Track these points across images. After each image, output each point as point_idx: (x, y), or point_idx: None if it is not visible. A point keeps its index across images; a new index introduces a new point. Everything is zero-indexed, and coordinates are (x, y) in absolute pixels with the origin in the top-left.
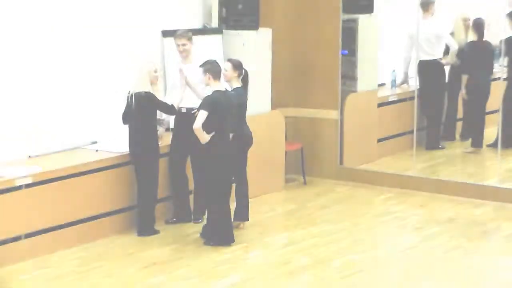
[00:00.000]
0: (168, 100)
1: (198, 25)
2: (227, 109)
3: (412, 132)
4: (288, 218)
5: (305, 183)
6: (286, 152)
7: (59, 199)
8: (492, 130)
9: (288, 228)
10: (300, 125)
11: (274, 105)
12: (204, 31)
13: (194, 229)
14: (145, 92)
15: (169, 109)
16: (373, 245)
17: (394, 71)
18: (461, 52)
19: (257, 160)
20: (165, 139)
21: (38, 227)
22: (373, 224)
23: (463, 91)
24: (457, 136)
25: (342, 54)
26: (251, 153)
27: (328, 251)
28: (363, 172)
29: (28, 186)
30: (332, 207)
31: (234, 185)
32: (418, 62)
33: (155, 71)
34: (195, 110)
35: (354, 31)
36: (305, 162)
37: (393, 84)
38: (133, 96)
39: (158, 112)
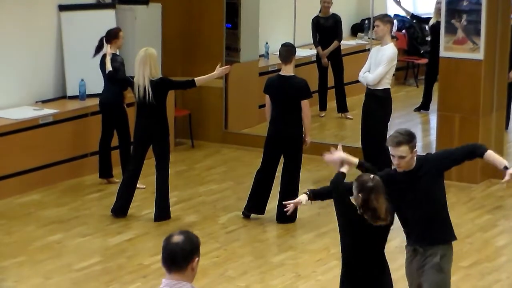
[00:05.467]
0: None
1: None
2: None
3: None
4: (178, 178)
5: (192, 146)
6: (175, 118)
7: None
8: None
9: (177, 187)
10: (188, 93)
11: (164, 75)
12: (98, 5)
13: (91, 189)
14: (160, 78)
15: (188, 84)
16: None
17: (267, 43)
18: None
19: None
20: None
21: None
22: None
23: None
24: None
25: (226, 28)
26: None
27: (214, 208)
28: (246, 136)
29: None
30: (218, 168)
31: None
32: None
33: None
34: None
35: (237, 6)
36: (193, 127)
37: (266, 55)
38: (148, 87)
39: None
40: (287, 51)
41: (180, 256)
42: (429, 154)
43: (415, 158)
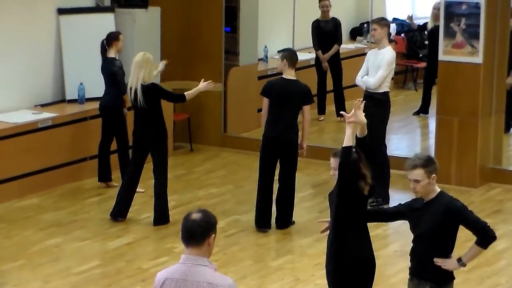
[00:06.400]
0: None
1: (91, 3)
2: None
3: None
4: (177, 182)
5: (191, 150)
6: (174, 122)
7: None
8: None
9: (176, 191)
10: None
11: (163, 78)
12: (97, 9)
13: (90, 193)
14: (152, 83)
15: (179, 97)
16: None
17: (266, 47)
18: None
19: None
20: None
21: None
22: (254, 187)
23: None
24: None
25: (225, 31)
26: None
27: (213, 212)
28: (245, 139)
29: None
30: (217, 171)
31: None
32: None
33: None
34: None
35: (236, 10)
36: (192, 131)
37: (265, 59)
38: (139, 91)
39: None
40: (295, 55)
41: (197, 232)
42: (455, 201)
43: (437, 188)
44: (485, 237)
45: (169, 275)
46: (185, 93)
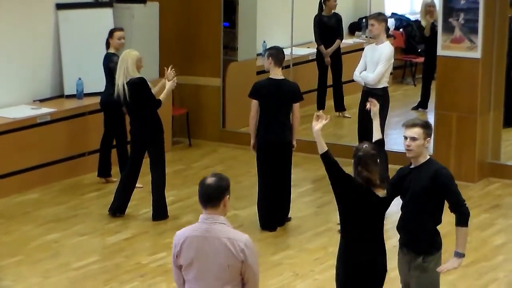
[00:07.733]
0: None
1: None
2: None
3: None
4: (175, 177)
5: (190, 145)
6: (172, 117)
7: None
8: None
9: (175, 186)
10: (185, 91)
11: (162, 73)
12: (95, 4)
13: (89, 188)
14: (139, 78)
15: (155, 102)
16: (254, 201)
17: (264, 42)
18: None
19: None
20: None
21: None
22: (253, 182)
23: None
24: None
25: (224, 26)
26: None
27: None
28: (243, 134)
29: None
30: (215, 167)
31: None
32: None
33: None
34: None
35: (235, 5)
36: (190, 126)
37: (264, 54)
38: (125, 85)
39: None
40: (281, 54)
41: (213, 195)
42: (444, 169)
43: (427, 155)
44: (462, 214)
45: (190, 233)
46: (160, 98)
